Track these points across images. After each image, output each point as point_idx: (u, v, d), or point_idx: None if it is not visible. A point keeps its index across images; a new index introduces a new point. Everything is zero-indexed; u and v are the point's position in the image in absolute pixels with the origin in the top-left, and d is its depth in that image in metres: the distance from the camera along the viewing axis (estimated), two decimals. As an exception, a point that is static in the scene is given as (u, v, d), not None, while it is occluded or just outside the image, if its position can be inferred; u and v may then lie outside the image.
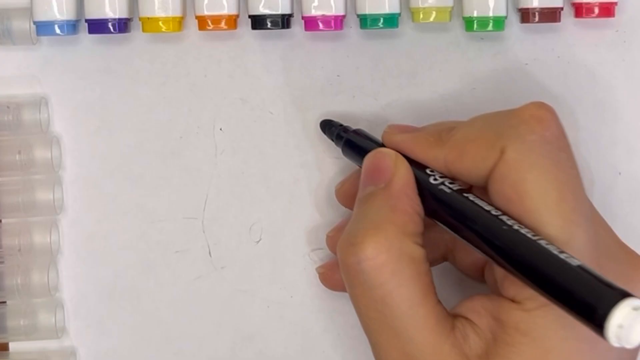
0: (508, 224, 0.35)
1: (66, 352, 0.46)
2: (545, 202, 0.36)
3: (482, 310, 0.37)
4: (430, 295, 0.37)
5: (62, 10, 0.44)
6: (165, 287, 0.46)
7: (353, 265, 0.37)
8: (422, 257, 0.38)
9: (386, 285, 0.37)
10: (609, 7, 0.44)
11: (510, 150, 0.36)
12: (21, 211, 0.45)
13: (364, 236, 0.37)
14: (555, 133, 0.37)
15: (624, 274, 0.37)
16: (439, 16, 0.44)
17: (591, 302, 0.31)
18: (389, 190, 0.39)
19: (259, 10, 0.44)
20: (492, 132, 0.37)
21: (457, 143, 0.38)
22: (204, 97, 0.46)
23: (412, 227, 0.38)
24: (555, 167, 0.36)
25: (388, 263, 0.37)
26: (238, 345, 0.46)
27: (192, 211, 0.46)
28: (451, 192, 0.38)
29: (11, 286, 0.45)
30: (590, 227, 0.36)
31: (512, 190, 0.36)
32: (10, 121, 0.45)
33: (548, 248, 0.34)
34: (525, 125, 0.37)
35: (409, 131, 0.41)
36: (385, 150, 0.40)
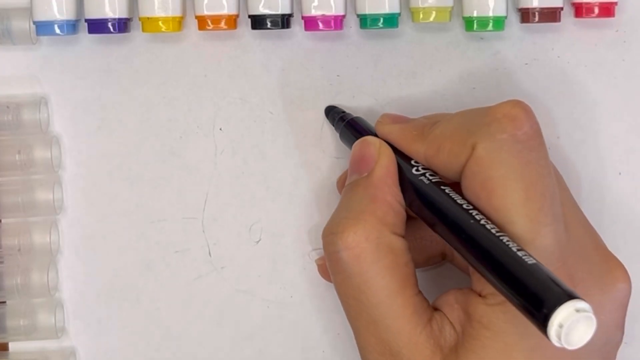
0: (476, 218, 0.36)
1: (66, 352, 0.46)
2: (512, 201, 0.36)
3: (455, 304, 0.38)
4: (409, 286, 0.38)
5: (62, 10, 0.44)
6: (165, 287, 0.46)
7: (334, 254, 0.39)
8: (401, 247, 0.39)
9: (364, 274, 0.38)
10: (609, 7, 0.44)
11: (480, 148, 0.37)
12: (21, 211, 0.45)
13: (344, 226, 0.38)
14: (527, 132, 0.37)
15: (594, 275, 0.38)
16: (439, 16, 0.44)
17: (537, 300, 0.32)
18: (370, 179, 0.40)
19: (259, 10, 0.44)
20: (465, 130, 0.38)
21: (435, 138, 0.39)
22: (204, 97, 0.46)
23: (392, 217, 0.39)
24: (524, 167, 0.36)
25: (366, 252, 0.38)
26: (238, 345, 0.46)
27: (192, 211, 0.46)
28: (429, 183, 0.39)
29: (11, 286, 0.45)
30: (559, 227, 0.37)
31: (480, 188, 0.37)
32: (10, 121, 0.45)
33: (507, 244, 0.34)
34: (497, 124, 0.37)
35: (400, 122, 0.41)
36: (370, 139, 0.41)
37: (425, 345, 0.38)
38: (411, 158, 0.40)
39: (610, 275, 0.39)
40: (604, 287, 0.38)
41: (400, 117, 0.42)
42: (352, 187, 0.40)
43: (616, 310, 0.38)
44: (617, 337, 0.39)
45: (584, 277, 0.37)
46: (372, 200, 0.39)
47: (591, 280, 0.38)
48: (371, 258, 0.38)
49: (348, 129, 0.44)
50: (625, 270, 0.39)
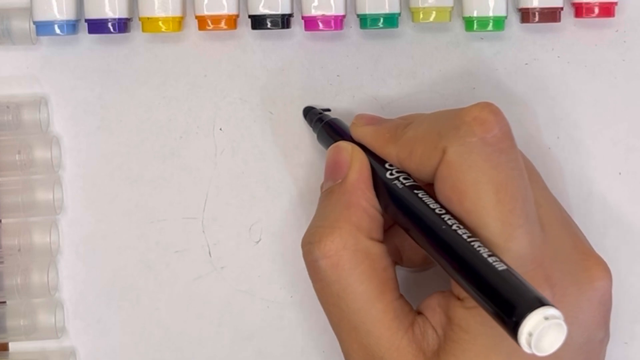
0: (448, 223, 0.36)
1: (66, 352, 0.46)
2: (483, 204, 0.36)
3: (437, 307, 0.38)
4: (389, 291, 0.39)
5: (62, 10, 0.44)
6: (165, 287, 0.46)
7: (312, 263, 0.39)
8: (379, 252, 0.39)
9: (342, 281, 0.38)
10: (609, 7, 0.44)
11: (450, 152, 0.37)
12: (21, 211, 0.45)
13: (321, 235, 0.39)
14: (496, 135, 0.37)
15: (572, 275, 0.38)
16: (439, 16, 0.44)
17: (507, 307, 0.32)
18: (344, 185, 0.40)
19: (259, 10, 0.44)
20: (436, 133, 0.38)
21: (407, 141, 0.39)
22: (203, 97, 0.46)
23: (368, 223, 0.39)
24: (494, 170, 0.36)
25: (344, 260, 0.38)
26: (238, 345, 0.46)
27: (192, 211, 0.46)
28: (402, 187, 0.39)
29: (11, 286, 0.45)
30: (533, 228, 0.37)
31: (452, 191, 0.37)
32: (10, 121, 0.45)
33: (478, 250, 0.35)
34: (466, 127, 0.37)
35: (374, 123, 0.41)
36: (342, 144, 0.41)
37: (407, 350, 0.38)
38: (385, 161, 0.40)
39: (588, 273, 0.38)
40: (581, 286, 0.38)
41: (375, 118, 0.42)
42: (327, 194, 0.40)
43: (596, 308, 0.38)
44: (599, 335, 0.39)
45: (561, 277, 0.37)
46: (346, 206, 0.39)
47: (569, 280, 0.38)
48: (349, 265, 0.38)
49: (324, 131, 0.44)
50: (604, 268, 0.39)
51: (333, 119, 0.44)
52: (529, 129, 0.45)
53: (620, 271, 0.46)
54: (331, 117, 0.44)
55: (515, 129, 0.45)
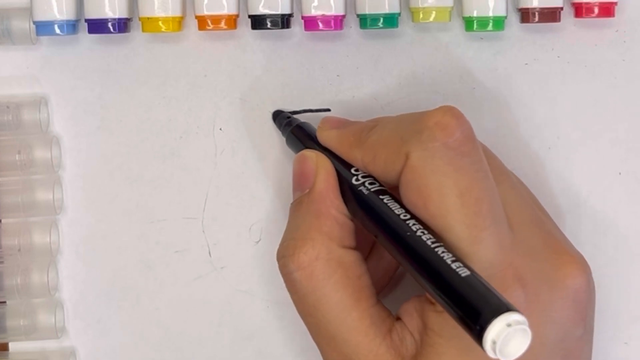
0: (413, 229, 0.36)
1: (66, 352, 0.46)
2: (447, 208, 0.36)
3: (414, 312, 0.38)
4: (364, 298, 0.39)
5: (62, 10, 0.44)
6: (165, 287, 0.46)
7: (287, 276, 0.39)
8: (352, 260, 0.39)
9: (316, 292, 0.38)
10: (609, 7, 0.44)
11: (413, 157, 0.37)
12: (21, 211, 0.45)
13: (294, 247, 0.39)
14: (458, 139, 0.37)
15: (544, 273, 0.38)
16: (439, 16, 0.44)
17: (471, 315, 0.32)
18: (312, 195, 0.40)
19: (259, 10, 0.44)
20: (399, 137, 0.38)
21: (371, 145, 0.39)
22: (203, 97, 0.46)
23: (339, 231, 0.39)
24: (457, 173, 0.37)
25: (317, 270, 0.39)
26: (238, 345, 0.46)
27: (192, 211, 0.46)
28: (368, 193, 0.39)
29: (11, 286, 0.45)
30: (501, 229, 0.37)
31: (416, 196, 0.37)
32: (10, 121, 0.45)
33: (442, 256, 0.35)
34: (428, 132, 0.37)
35: (340, 126, 0.41)
36: (307, 153, 0.41)
37: (385, 356, 0.38)
38: (352, 165, 0.40)
39: (560, 271, 0.38)
40: (554, 285, 0.38)
41: (341, 121, 0.42)
42: (296, 205, 0.41)
43: (570, 306, 0.38)
44: (576, 332, 0.39)
45: (533, 277, 0.37)
46: (316, 216, 0.40)
47: (541, 279, 0.38)
48: (322, 275, 0.39)
49: (293, 135, 0.44)
50: (578, 265, 0.39)
51: (301, 123, 0.44)
52: (529, 129, 0.45)
53: (620, 271, 0.46)
54: (299, 121, 0.44)
55: (515, 129, 0.45)
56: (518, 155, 0.45)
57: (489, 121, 0.45)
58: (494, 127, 0.45)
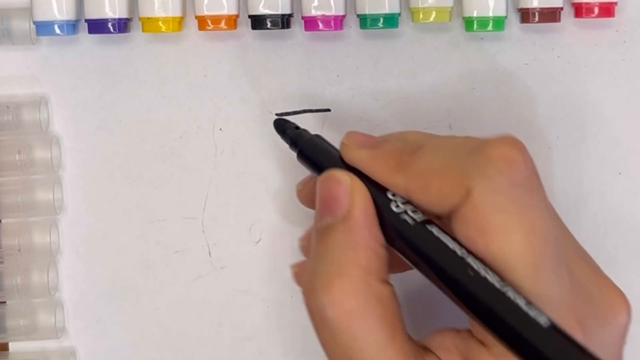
0: (475, 269, 0.33)
1: (66, 352, 0.46)
2: (512, 248, 0.34)
3: (453, 348, 0.36)
4: (399, 335, 0.36)
5: (62, 10, 0.44)
6: (165, 287, 0.46)
7: (318, 312, 0.36)
8: (389, 294, 0.36)
9: (352, 330, 0.35)
10: (609, 7, 0.44)
11: (476, 192, 0.34)
12: (21, 211, 0.45)
13: (327, 282, 0.36)
14: (525, 174, 0.35)
15: (598, 313, 0.36)
16: (439, 16, 0.44)
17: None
18: (348, 224, 0.36)
19: (259, 10, 0.44)
20: (457, 168, 0.35)
21: (420, 173, 0.36)
22: (203, 97, 0.46)
23: (377, 264, 0.36)
24: (523, 211, 0.34)
25: (354, 308, 0.35)
26: (238, 345, 0.46)
27: (192, 211, 0.46)
28: (415, 224, 0.36)
29: (11, 286, 0.45)
30: (563, 271, 0.35)
31: (477, 234, 0.34)
32: (10, 121, 0.45)
33: (516, 302, 0.32)
34: (493, 166, 0.35)
35: (368, 145, 0.38)
36: (338, 175, 0.38)
37: None
38: (386, 189, 0.37)
39: (612, 309, 0.37)
40: (605, 323, 0.36)
41: (369, 138, 0.39)
42: (328, 232, 0.37)
43: (618, 343, 0.37)
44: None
45: (589, 317, 0.35)
46: (353, 248, 0.36)
47: (596, 320, 0.36)
48: (359, 313, 0.35)
49: (307, 151, 0.40)
50: (625, 299, 0.37)
51: (314, 136, 0.40)
52: (529, 129, 0.45)
53: (620, 271, 0.46)
54: (309, 133, 0.41)
55: (515, 129, 0.45)
56: (518, 155, 0.45)
57: (489, 121, 0.45)
58: (494, 127, 0.45)
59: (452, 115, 0.45)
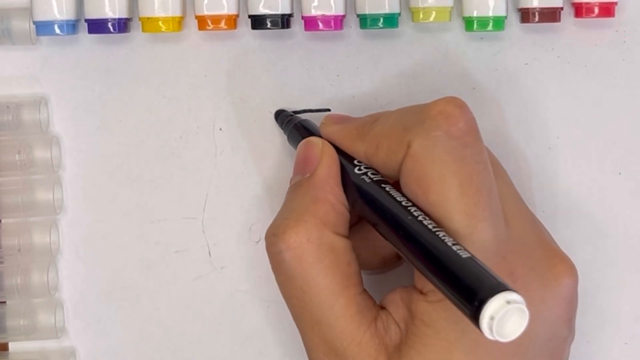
0: (414, 215, 0.36)
1: (66, 352, 0.46)
2: (447, 197, 0.36)
3: (400, 302, 0.39)
4: (352, 285, 0.39)
5: (62, 10, 0.44)
6: (165, 287, 0.46)
7: (275, 255, 0.39)
8: (343, 247, 0.39)
9: (305, 274, 0.38)
10: (609, 7, 0.44)
11: (415, 145, 0.37)
12: (21, 211, 0.45)
13: (286, 227, 0.39)
14: (461, 129, 0.37)
15: (536, 271, 0.38)
16: (439, 16, 0.44)
17: (470, 293, 0.32)
18: (312, 180, 0.40)
19: (259, 10, 0.44)
20: (401, 127, 0.38)
21: (374, 137, 0.39)
22: (203, 97, 0.46)
23: (334, 217, 0.39)
24: (458, 163, 0.37)
25: (307, 253, 0.38)
26: (238, 345, 0.46)
27: (192, 211, 0.46)
28: (370, 182, 0.39)
29: (11, 286, 0.45)
30: (497, 222, 0.37)
31: (417, 185, 0.37)
32: (10, 121, 0.45)
33: (443, 239, 0.35)
34: (431, 121, 0.37)
35: (343, 122, 0.42)
36: (313, 139, 0.42)
37: (369, 345, 0.38)
38: (354, 158, 0.40)
39: (553, 270, 0.39)
40: (546, 283, 0.38)
41: (344, 117, 0.43)
42: (295, 187, 0.41)
43: (560, 305, 0.38)
44: (563, 333, 0.39)
45: (525, 272, 0.37)
46: (313, 200, 0.39)
47: (532, 276, 0.38)
48: (312, 258, 0.38)
49: (295, 131, 0.44)
50: (570, 266, 0.39)
51: (303, 120, 0.44)
52: (529, 129, 0.45)
53: (620, 271, 0.46)
54: (302, 118, 0.44)
55: (515, 129, 0.45)
56: (518, 155, 0.45)
57: (489, 121, 0.45)
58: (494, 127, 0.45)
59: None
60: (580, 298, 0.41)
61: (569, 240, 0.45)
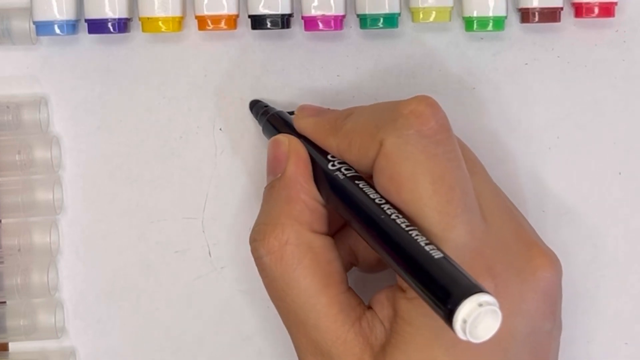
0: (387, 213, 0.36)
1: (66, 352, 0.46)
2: (420, 195, 0.37)
3: (385, 301, 0.39)
4: (334, 284, 0.39)
5: (62, 10, 0.44)
6: (165, 287, 0.46)
7: (258, 260, 0.40)
8: (322, 245, 0.39)
9: (286, 276, 0.39)
10: (609, 7, 0.44)
11: (387, 144, 0.37)
12: (21, 211, 0.45)
13: (264, 232, 0.39)
14: (433, 127, 0.38)
15: (514, 266, 0.38)
16: (439, 16, 0.44)
17: (443, 295, 0.32)
18: (283, 180, 0.40)
19: (259, 10, 0.44)
20: (374, 125, 0.38)
21: (347, 133, 0.39)
22: (203, 97, 0.46)
23: (309, 216, 0.39)
24: (430, 161, 0.37)
25: (287, 255, 0.39)
26: (238, 345, 0.46)
27: (192, 211, 0.46)
28: (344, 178, 0.39)
29: (11, 286, 0.45)
30: (472, 218, 0.37)
31: (389, 183, 0.37)
32: (10, 121, 0.45)
33: (416, 239, 0.35)
34: (403, 120, 0.38)
35: (316, 114, 0.42)
36: (280, 137, 0.41)
37: (354, 343, 0.38)
38: (328, 152, 0.40)
39: (531, 264, 0.39)
40: (524, 277, 0.38)
41: (318, 108, 0.43)
42: (269, 189, 0.41)
43: (540, 299, 0.38)
44: (545, 326, 0.39)
45: (503, 268, 0.37)
46: (287, 201, 0.40)
47: (511, 271, 0.38)
48: (292, 260, 0.39)
49: (268, 124, 0.44)
50: (549, 259, 0.39)
51: (278, 111, 0.44)
52: (529, 129, 0.45)
53: (620, 271, 0.46)
54: (276, 109, 0.44)
55: (515, 129, 0.45)
56: (518, 155, 0.45)
57: (489, 121, 0.45)
58: (494, 127, 0.45)
59: (452, 115, 0.45)
60: (580, 298, 0.41)
61: (569, 240, 0.45)
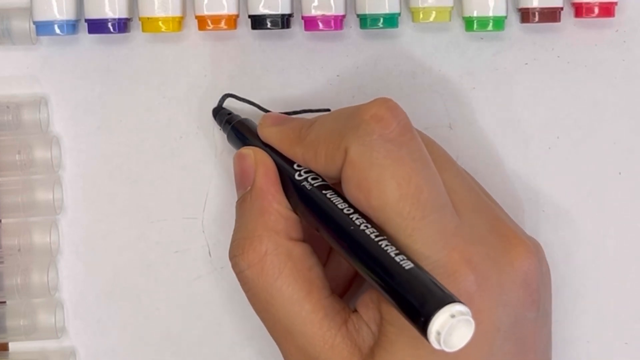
0: (356, 223, 0.37)
1: (66, 352, 0.46)
2: (388, 200, 0.37)
3: (370, 303, 0.39)
4: (316, 290, 0.39)
5: (62, 10, 0.44)
6: (165, 287, 0.46)
7: (240, 274, 0.40)
8: (301, 252, 0.40)
9: (268, 287, 0.39)
10: (609, 7, 0.44)
11: (352, 152, 0.37)
12: (21, 211, 0.45)
13: (242, 246, 0.40)
14: (395, 130, 0.38)
15: (491, 257, 0.38)
16: (439, 16, 0.44)
17: (415, 308, 0.33)
18: (254, 192, 0.40)
19: (259, 10, 0.44)
20: (337, 133, 0.38)
21: (311, 143, 0.39)
22: (204, 97, 0.46)
23: (284, 224, 0.40)
24: (395, 164, 0.37)
25: (267, 266, 0.39)
26: (238, 345, 0.46)
27: (192, 211, 0.46)
28: (311, 188, 0.39)
29: (11, 286, 0.45)
30: (443, 216, 0.37)
31: (358, 190, 0.37)
32: (10, 121, 0.45)
33: (386, 249, 0.35)
34: (365, 126, 0.38)
35: (280, 123, 0.42)
36: (245, 150, 0.42)
37: (341, 347, 0.38)
38: (294, 162, 0.40)
39: (508, 254, 0.38)
40: (501, 268, 0.38)
41: (282, 117, 0.42)
42: (241, 203, 0.41)
43: (519, 288, 0.38)
44: (529, 315, 0.39)
45: (481, 259, 0.37)
46: (260, 212, 0.40)
47: (490, 262, 0.38)
48: (272, 270, 0.39)
49: (233, 133, 0.44)
50: (527, 247, 0.39)
51: (242, 119, 0.44)
52: (529, 129, 0.45)
53: (620, 271, 0.46)
54: (240, 117, 0.44)
55: (514, 129, 0.45)
56: (518, 155, 0.45)
57: (489, 121, 0.45)
58: (494, 127, 0.45)
59: (452, 115, 0.45)
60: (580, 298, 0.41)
61: (569, 240, 0.45)
